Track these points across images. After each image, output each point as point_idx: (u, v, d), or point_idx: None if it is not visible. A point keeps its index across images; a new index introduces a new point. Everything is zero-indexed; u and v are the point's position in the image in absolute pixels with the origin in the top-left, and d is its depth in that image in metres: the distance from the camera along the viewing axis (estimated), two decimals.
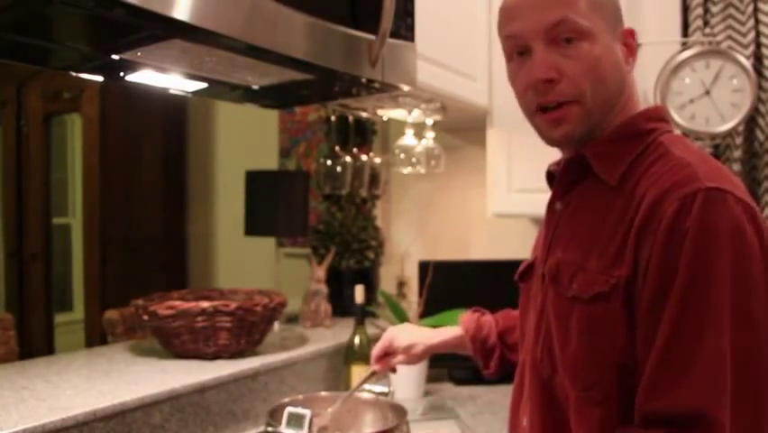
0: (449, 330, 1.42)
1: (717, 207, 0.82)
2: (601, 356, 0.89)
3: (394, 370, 1.48)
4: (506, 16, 1.01)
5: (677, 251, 0.81)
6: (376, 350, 1.42)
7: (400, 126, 2.26)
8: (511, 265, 1.39)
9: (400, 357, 1.41)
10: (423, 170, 2.26)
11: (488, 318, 1.40)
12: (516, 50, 0.99)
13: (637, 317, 0.86)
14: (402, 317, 2.02)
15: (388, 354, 1.42)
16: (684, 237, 0.81)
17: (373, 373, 1.43)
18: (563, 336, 0.95)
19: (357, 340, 1.89)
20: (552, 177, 1.11)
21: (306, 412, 1.30)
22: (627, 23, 1.41)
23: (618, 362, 0.88)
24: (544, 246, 1.06)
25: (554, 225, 1.05)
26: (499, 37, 1.04)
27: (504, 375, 1.37)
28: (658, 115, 1.01)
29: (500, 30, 1.02)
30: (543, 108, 0.98)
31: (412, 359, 1.42)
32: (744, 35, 1.92)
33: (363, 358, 1.87)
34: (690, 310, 0.80)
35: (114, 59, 1.16)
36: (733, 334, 0.79)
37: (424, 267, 2.11)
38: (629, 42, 1.00)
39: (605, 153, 0.97)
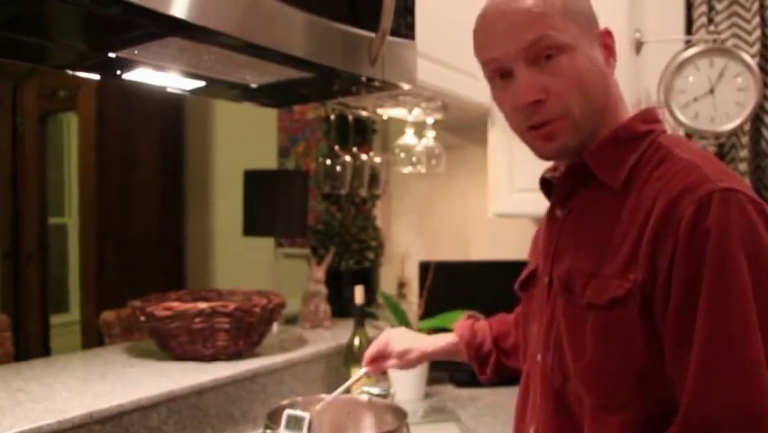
0: (444, 337, 1.41)
1: (732, 206, 0.82)
2: (619, 363, 0.89)
3: (385, 372, 1.46)
4: (482, 41, 0.99)
5: (701, 253, 0.81)
6: (369, 351, 1.41)
7: (400, 125, 2.25)
8: (513, 266, 1.37)
9: (394, 361, 1.40)
10: (423, 170, 2.25)
11: (482, 324, 1.39)
12: (498, 74, 0.98)
13: (664, 322, 0.85)
14: (402, 319, 2.00)
15: (381, 356, 1.41)
16: (706, 239, 0.81)
17: (365, 375, 1.42)
18: (577, 345, 0.93)
19: (357, 341, 1.87)
20: (546, 183, 1.10)
21: (306, 415, 1.28)
22: (631, 21, 1.39)
23: (637, 367, 0.87)
24: (548, 255, 1.04)
25: (557, 232, 1.03)
26: (478, 60, 1.02)
27: (502, 379, 1.37)
28: (652, 117, 1.01)
29: (478, 54, 1.01)
30: (532, 126, 0.97)
31: (406, 364, 1.41)
32: (749, 33, 1.91)
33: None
34: (723, 312, 0.81)
35: (110, 58, 1.15)
36: (762, 330, 0.80)
37: (424, 268, 2.10)
38: (607, 43, 0.99)
39: (606, 159, 0.96)
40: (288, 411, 1.29)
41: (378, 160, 2.34)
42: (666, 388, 0.85)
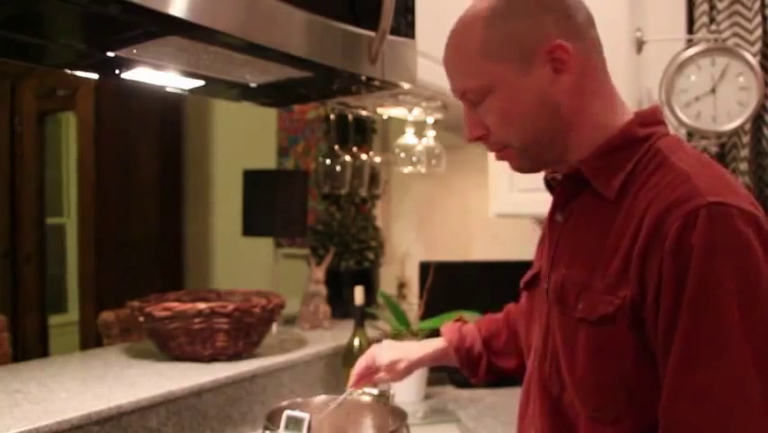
0: (432, 343, 1.39)
1: (718, 222, 0.81)
2: (611, 377, 0.88)
3: (375, 385, 1.44)
4: None
5: (684, 273, 0.80)
6: (357, 369, 1.38)
7: (400, 125, 2.24)
8: (513, 266, 1.36)
9: (382, 375, 1.38)
10: (423, 170, 2.24)
11: (470, 327, 1.37)
12: None
13: (654, 340, 0.84)
14: (402, 319, 2.00)
15: (370, 372, 1.38)
16: (689, 258, 0.80)
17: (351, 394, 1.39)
18: (571, 356, 0.93)
19: (356, 342, 1.86)
20: (550, 184, 1.09)
21: (305, 416, 1.28)
22: (632, 20, 1.37)
23: (629, 382, 0.87)
24: (548, 260, 1.04)
25: (556, 238, 1.03)
26: None
27: (495, 380, 1.37)
28: (653, 119, 0.98)
29: None
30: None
31: (395, 376, 1.39)
32: (750, 32, 1.90)
33: None
34: (697, 333, 0.79)
35: (109, 57, 1.15)
36: (752, 348, 0.78)
37: (424, 268, 2.09)
38: (558, 58, 0.94)
39: (601, 167, 0.95)
40: (287, 412, 1.29)
41: (378, 159, 2.33)
42: (659, 402, 0.84)
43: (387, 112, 2.15)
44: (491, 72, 0.95)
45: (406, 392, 1.93)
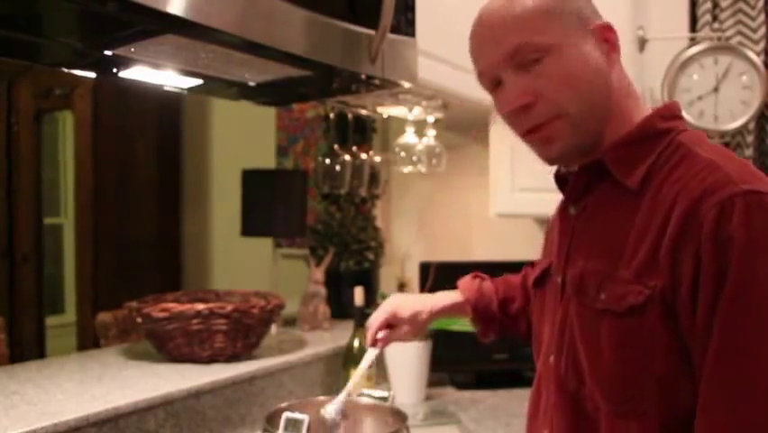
0: (449, 296, 1.37)
1: (756, 211, 0.79)
2: (638, 369, 0.86)
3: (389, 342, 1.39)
4: (472, 56, 1.00)
5: (723, 263, 0.79)
6: (376, 323, 1.33)
7: (401, 124, 2.24)
8: (515, 267, 1.36)
9: (406, 328, 1.34)
10: (424, 169, 2.24)
11: (488, 285, 1.36)
12: (492, 85, 0.99)
13: (691, 332, 0.83)
14: None
15: (389, 327, 1.34)
16: (729, 248, 0.79)
17: (374, 354, 1.34)
18: (593, 349, 0.92)
19: (356, 343, 1.86)
20: (561, 179, 1.08)
21: (304, 417, 1.27)
22: (635, 18, 1.36)
23: (658, 374, 0.85)
24: (561, 253, 1.03)
25: (571, 231, 1.02)
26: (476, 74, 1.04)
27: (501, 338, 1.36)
28: (673, 113, 0.98)
29: (474, 68, 1.02)
30: (529, 131, 0.97)
31: (418, 328, 1.36)
32: (754, 30, 1.90)
33: None
34: (740, 324, 0.78)
35: (106, 55, 1.14)
36: None
37: (425, 268, 2.08)
38: (608, 37, 0.95)
39: (623, 157, 0.94)
40: (286, 414, 1.28)
41: (378, 159, 2.32)
42: (688, 394, 0.83)
43: (387, 111, 2.14)
44: (558, 31, 0.92)
45: (407, 394, 1.92)
